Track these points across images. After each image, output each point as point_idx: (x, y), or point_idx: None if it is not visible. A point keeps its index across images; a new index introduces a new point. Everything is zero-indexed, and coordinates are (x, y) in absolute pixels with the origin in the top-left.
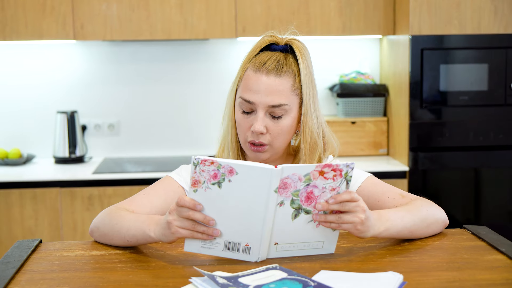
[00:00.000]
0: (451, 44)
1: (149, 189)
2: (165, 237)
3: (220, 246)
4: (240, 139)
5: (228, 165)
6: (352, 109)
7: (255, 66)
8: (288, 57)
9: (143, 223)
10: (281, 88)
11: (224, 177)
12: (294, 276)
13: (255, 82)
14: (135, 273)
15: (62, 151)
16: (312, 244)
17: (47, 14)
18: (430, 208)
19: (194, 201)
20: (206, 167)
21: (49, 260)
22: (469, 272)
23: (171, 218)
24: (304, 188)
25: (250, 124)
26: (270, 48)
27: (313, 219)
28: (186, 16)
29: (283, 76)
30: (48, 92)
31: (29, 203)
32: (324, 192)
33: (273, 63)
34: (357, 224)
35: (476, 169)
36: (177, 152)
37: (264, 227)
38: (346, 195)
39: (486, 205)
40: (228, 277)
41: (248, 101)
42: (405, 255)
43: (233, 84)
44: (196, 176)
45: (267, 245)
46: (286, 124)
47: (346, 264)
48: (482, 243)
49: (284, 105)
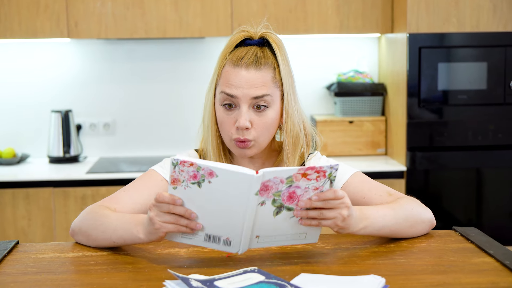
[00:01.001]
0: (449, 43)
1: (131, 185)
2: (151, 234)
3: (200, 238)
4: (225, 137)
5: (208, 167)
6: (349, 109)
7: (232, 61)
8: (264, 50)
9: (130, 224)
10: (262, 81)
11: (204, 178)
12: (272, 279)
13: (235, 77)
14: (109, 276)
15: (56, 150)
16: (294, 235)
17: (41, 12)
18: (415, 208)
19: (173, 196)
20: (186, 167)
21: (24, 262)
22: (454, 276)
23: (152, 214)
24: (286, 189)
25: (234, 120)
26: (245, 43)
27: (294, 215)
28: (181, 14)
29: (263, 69)
30: (42, 91)
31: (22, 203)
32: (307, 191)
33: (251, 57)
34: (338, 220)
35: (475, 169)
36: (173, 151)
37: (244, 225)
38: (330, 193)
39: (486, 205)
40: (203, 280)
41: (230, 95)
42: (390, 258)
43: (210, 84)
44: (175, 175)
45: (248, 238)
46: (271, 117)
47: (328, 266)
48: (470, 245)
49: (267, 95)
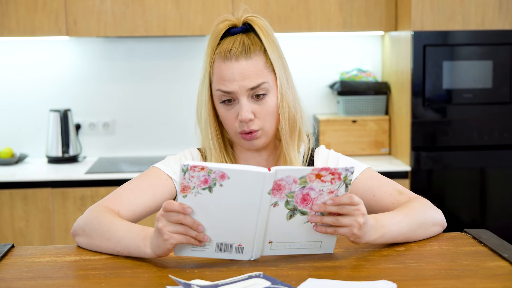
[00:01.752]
0: (454, 41)
1: (134, 182)
2: (159, 248)
3: (212, 248)
4: (230, 133)
5: (219, 170)
6: (353, 108)
7: (221, 55)
8: (251, 36)
9: (137, 237)
10: (255, 69)
11: (215, 182)
12: (278, 285)
13: (227, 71)
14: (107, 281)
15: (55, 150)
16: (309, 243)
17: (39, 10)
18: (427, 211)
19: (183, 205)
20: (196, 173)
21: (19, 266)
22: (468, 281)
23: (161, 224)
24: (299, 190)
25: (236, 114)
26: (230, 32)
27: (308, 220)
28: (182, 11)
29: (253, 57)
30: (41, 90)
31: (19, 204)
32: (322, 194)
33: (239, 47)
34: (354, 228)
35: (480, 169)
36: (173, 151)
37: (257, 228)
38: (346, 198)
39: (490, 206)
40: (206, 286)
41: (227, 92)
42: (401, 262)
43: (202, 82)
44: (185, 182)
45: (261, 243)
46: (271, 103)
47: (336, 271)
48: (483, 248)
49: (264, 83)
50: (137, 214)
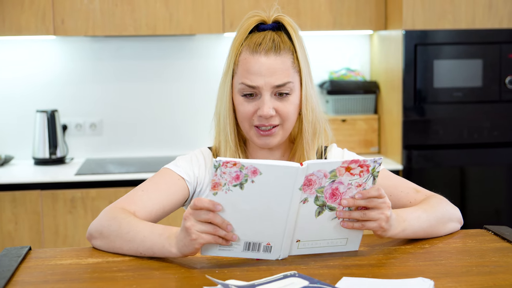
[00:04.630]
0: (445, 40)
1: (147, 184)
2: (186, 247)
3: (239, 247)
4: (244, 126)
5: (251, 165)
6: (342, 107)
7: (250, 48)
8: (281, 34)
9: (161, 236)
10: (283, 67)
11: (247, 178)
12: (316, 284)
13: (254, 64)
14: (138, 283)
15: (42, 152)
16: (335, 241)
17: (26, 8)
18: (445, 207)
19: (213, 202)
20: (228, 169)
21: (42, 269)
22: (503, 277)
23: (189, 223)
24: (329, 184)
25: (255, 108)
26: (259, 28)
27: (336, 215)
28: (171, 10)
29: (282, 54)
30: (27, 90)
31: (8, 207)
32: (350, 188)
33: (269, 42)
34: (382, 221)
35: (470, 167)
36: (162, 152)
37: (286, 226)
38: (374, 191)
39: (482, 203)
40: (243, 286)
41: (251, 86)
42: (430, 259)
43: (225, 73)
44: (216, 178)
45: (289, 242)
46: (293, 103)
47: (368, 269)
48: (508, 244)
49: (289, 82)
50: (153, 215)
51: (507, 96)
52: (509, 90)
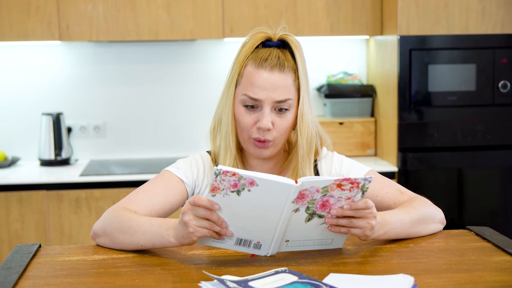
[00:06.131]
0: (439, 45)
1: (148, 185)
2: (184, 239)
3: (232, 242)
4: (243, 136)
5: (249, 177)
6: (339, 110)
7: (256, 62)
8: (285, 52)
9: (160, 228)
10: (285, 83)
11: (244, 187)
12: (305, 279)
13: (259, 78)
14: (141, 278)
15: (47, 153)
16: (321, 241)
17: (32, 15)
18: (428, 209)
19: (211, 201)
20: (227, 177)
21: (51, 265)
22: (479, 274)
23: (187, 218)
24: (320, 197)
25: (255, 120)
26: (265, 44)
27: (325, 222)
28: (173, 16)
29: (286, 72)
30: (33, 93)
31: (15, 206)
32: (340, 200)
33: (275, 59)
34: (367, 230)
35: (464, 169)
36: (164, 153)
37: (277, 229)
38: (362, 203)
39: (476, 205)
40: (237, 281)
41: (253, 99)
42: (412, 257)
43: (229, 82)
44: (215, 183)
45: (278, 242)
46: (290, 119)
47: (354, 266)
48: (487, 244)
49: (289, 99)
50: (153, 214)
51: (500, 100)
52: (502, 94)
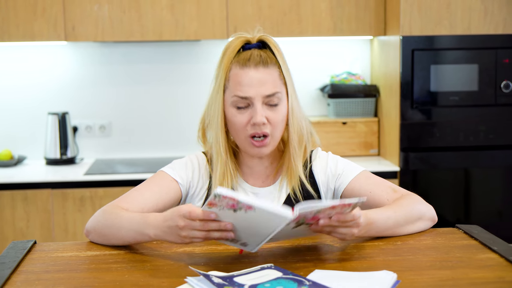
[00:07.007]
0: (441, 45)
1: (142, 185)
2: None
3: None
4: (239, 137)
5: (248, 204)
6: (343, 110)
7: (240, 63)
8: (266, 51)
9: (139, 224)
10: (271, 78)
11: (241, 208)
12: (289, 275)
13: (245, 77)
14: (130, 273)
15: (53, 152)
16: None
17: (39, 16)
18: (417, 207)
19: (206, 212)
20: (226, 200)
21: (44, 260)
22: (462, 271)
23: (185, 233)
24: (312, 215)
25: (248, 118)
26: (245, 47)
27: (310, 228)
28: (177, 17)
29: (270, 67)
30: (39, 93)
31: (20, 205)
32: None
33: (257, 57)
34: (347, 236)
35: (466, 169)
36: (168, 153)
37: (266, 239)
38: (349, 216)
39: (476, 205)
40: (223, 276)
41: (244, 97)
42: (399, 255)
43: (216, 89)
44: (213, 201)
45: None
46: (283, 112)
47: (340, 264)
48: (474, 242)
49: (278, 92)
50: (145, 211)
51: (502, 99)
52: (504, 94)
